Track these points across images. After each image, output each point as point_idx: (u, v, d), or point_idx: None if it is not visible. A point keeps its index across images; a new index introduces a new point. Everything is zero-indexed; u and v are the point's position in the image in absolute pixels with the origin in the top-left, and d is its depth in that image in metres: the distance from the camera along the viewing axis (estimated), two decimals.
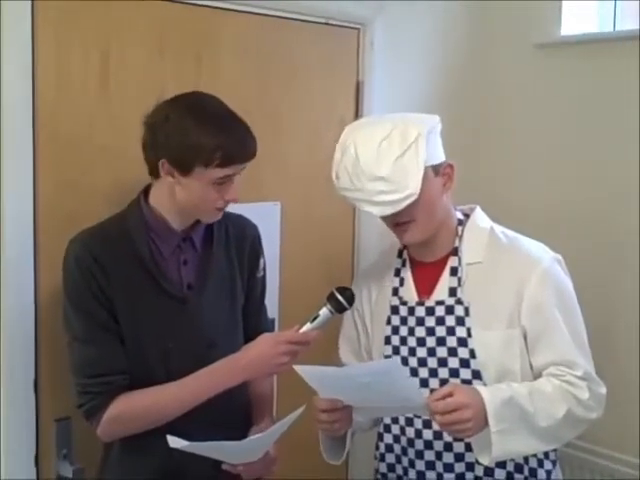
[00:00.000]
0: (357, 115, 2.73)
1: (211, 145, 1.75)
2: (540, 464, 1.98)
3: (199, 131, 1.76)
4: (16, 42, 1.96)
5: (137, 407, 1.82)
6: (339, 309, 1.89)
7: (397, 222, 1.92)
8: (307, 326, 1.86)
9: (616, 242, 2.72)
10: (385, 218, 1.94)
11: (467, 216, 2.04)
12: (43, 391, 2.07)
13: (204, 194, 1.82)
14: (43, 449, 2.08)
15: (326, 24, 2.63)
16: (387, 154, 1.84)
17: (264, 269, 2.11)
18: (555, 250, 2.02)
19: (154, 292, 1.86)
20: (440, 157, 1.95)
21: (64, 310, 1.85)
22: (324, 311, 1.88)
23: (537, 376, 1.92)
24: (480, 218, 2.05)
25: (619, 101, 2.70)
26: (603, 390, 1.92)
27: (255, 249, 2.07)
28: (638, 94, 2.62)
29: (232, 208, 2.10)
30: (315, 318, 1.87)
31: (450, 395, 1.74)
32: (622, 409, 2.60)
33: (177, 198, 1.85)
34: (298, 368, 1.76)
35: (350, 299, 1.90)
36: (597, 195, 2.77)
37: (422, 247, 2.01)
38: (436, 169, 1.92)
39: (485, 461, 1.80)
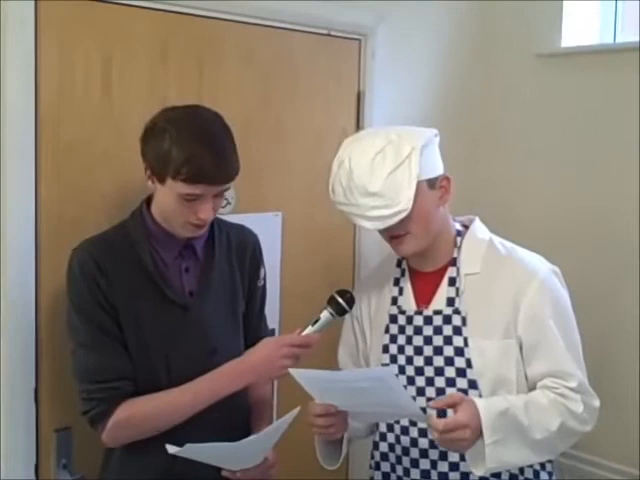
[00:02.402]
0: (358, 125, 2.73)
1: (180, 159, 1.74)
2: (536, 475, 1.99)
3: (174, 142, 1.75)
4: (19, 48, 1.97)
5: (143, 412, 1.83)
6: (340, 312, 1.92)
7: (392, 235, 1.93)
8: (308, 329, 1.89)
9: (616, 249, 2.71)
10: (381, 231, 1.95)
11: (466, 227, 2.06)
12: (43, 401, 2.07)
13: (175, 206, 1.81)
14: (43, 459, 2.08)
15: (327, 35, 2.64)
16: (380, 169, 1.86)
17: (264, 278, 2.12)
18: (554, 257, 2.03)
19: (157, 299, 1.87)
20: (437, 170, 1.96)
21: (68, 318, 1.86)
22: (325, 314, 1.90)
23: (532, 387, 1.93)
24: (479, 229, 2.06)
25: (619, 112, 2.71)
26: (597, 403, 1.93)
27: (256, 258, 2.08)
28: (638, 105, 2.62)
29: (234, 218, 2.11)
30: (316, 321, 1.89)
31: (453, 406, 1.75)
32: (620, 419, 2.60)
33: (157, 205, 1.87)
34: (294, 372, 1.77)
35: (350, 302, 1.92)
36: (597, 203, 2.78)
37: (421, 257, 2.02)
38: (431, 183, 1.93)
39: (479, 472, 1.81)
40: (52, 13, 2.02)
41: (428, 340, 1.96)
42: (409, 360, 1.97)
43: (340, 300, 1.91)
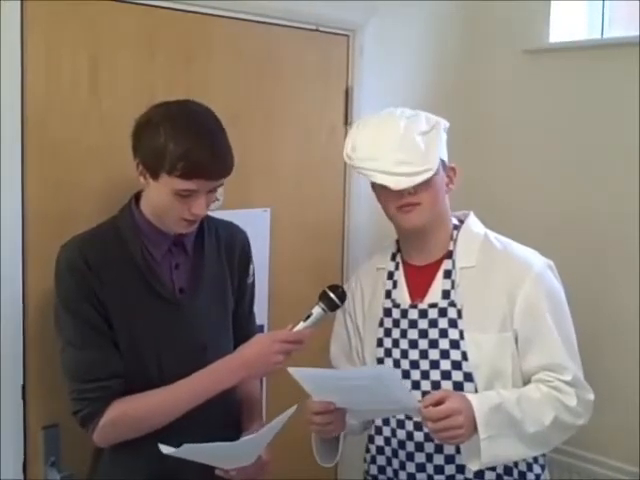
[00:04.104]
0: (347, 121, 2.73)
1: (176, 153, 1.73)
2: (529, 468, 1.99)
3: (169, 138, 1.74)
4: (5, 44, 1.95)
5: (135, 411, 1.81)
6: (331, 307, 1.91)
7: (403, 203, 1.92)
8: (300, 325, 1.88)
9: (612, 244, 2.73)
10: (391, 200, 1.94)
11: (461, 222, 2.07)
12: (31, 398, 2.05)
13: (168, 202, 1.80)
14: (31, 456, 2.06)
15: (316, 30, 2.63)
16: (415, 128, 1.91)
17: (253, 275, 2.11)
18: (544, 254, 2.04)
19: (147, 295, 1.86)
20: (446, 156, 2.01)
21: (57, 316, 1.84)
22: (317, 309, 1.90)
23: (527, 380, 1.93)
24: (474, 223, 2.07)
25: (607, 106, 2.72)
26: (591, 396, 1.93)
27: (245, 255, 2.07)
28: (630, 99, 2.63)
29: (222, 215, 2.11)
30: (308, 317, 1.89)
31: (442, 401, 1.75)
32: (619, 417, 2.61)
33: (148, 201, 1.86)
34: (292, 370, 1.77)
35: (342, 296, 1.92)
36: (587, 199, 2.79)
37: (416, 249, 2.03)
38: (444, 165, 1.97)
39: (474, 467, 1.82)
40: (38, 11, 2.00)
41: (423, 333, 1.96)
42: (404, 354, 1.97)
43: (332, 295, 1.90)
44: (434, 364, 1.94)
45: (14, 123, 1.99)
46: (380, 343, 2.02)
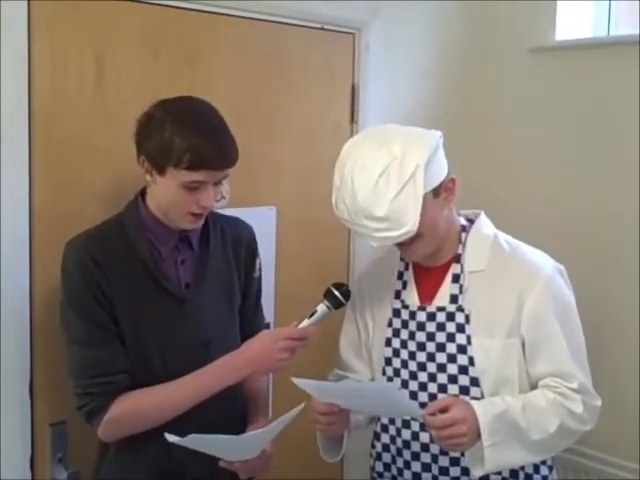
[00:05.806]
0: (352, 119, 2.73)
1: (182, 146, 1.74)
2: (536, 470, 1.98)
3: (174, 132, 1.76)
4: (12, 44, 1.96)
5: (140, 407, 1.82)
6: (336, 305, 1.91)
7: (400, 243, 1.90)
8: (305, 322, 1.88)
9: (613, 244, 2.73)
10: None
11: (471, 221, 2.03)
12: (38, 395, 2.06)
13: (176, 196, 1.81)
14: (38, 453, 2.07)
15: (321, 29, 2.64)
16: (384, 194, 1.78)
17: (260, 269, 2.11)
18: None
19: (154, 292, 1.86)
20: (441, 176, 1.88)
21: (63, 312, 1.85)
22: (321, 307, 1.90)
23: (533, 386, 1.92)
24: (484, 224, 2.03)
25: (613, 105, 2.71)
26: (598, 402, 1.92)
27: (251, 249, 2.08)
28: (637, 98, 2.63)
29: (228, 212, 2.11)
30: (313, 314, 1.89)
31: (446, 409, 1.75)
32: (612, 413, 2.59)
33: (154, 198, 1.87)
34: (298, 381, 1.76)
35: (347, 294, 1.92)
36: (593, 198, 2.78)
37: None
38: (436, 191, 1.86)
39: (478, 473, 1.82)
40: (44, 10, 2.01)
41: (431, 336, 1.95)
42: (412, 355, 1.97)
43: (337, 293, 1.90)
44: (441, 367, 1.93)
45: (21, 122, 2.00)
46: (388, 343, 2.01)
